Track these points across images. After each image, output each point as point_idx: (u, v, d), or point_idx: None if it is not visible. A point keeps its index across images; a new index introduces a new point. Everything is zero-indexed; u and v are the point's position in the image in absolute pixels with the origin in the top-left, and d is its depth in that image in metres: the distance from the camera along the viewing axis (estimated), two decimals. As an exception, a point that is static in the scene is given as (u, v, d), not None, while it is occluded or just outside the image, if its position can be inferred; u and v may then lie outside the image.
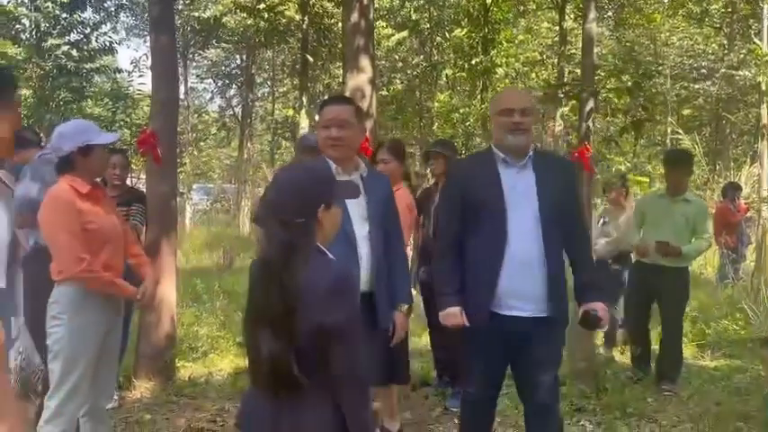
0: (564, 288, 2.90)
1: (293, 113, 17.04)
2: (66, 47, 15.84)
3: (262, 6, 14.18)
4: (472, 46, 14.33)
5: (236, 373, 4.87)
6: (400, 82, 18.58)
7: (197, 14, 18.52)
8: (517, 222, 2.79)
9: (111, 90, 17.94)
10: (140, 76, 25.98)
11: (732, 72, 16.22)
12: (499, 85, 14.09)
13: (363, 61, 6.03)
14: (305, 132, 12.18)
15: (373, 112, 6.10)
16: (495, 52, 13.95)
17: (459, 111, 14.57)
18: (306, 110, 14.65)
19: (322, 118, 2.98)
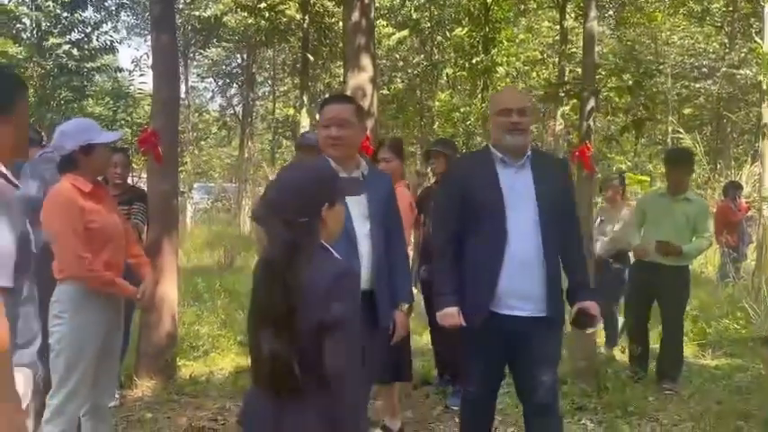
0: (560, 288, 2.91)
1: (294, 112, 17.05)
2: (67, 46, 15.82)
3: (262, 5, 14.15)
4: (473, 45, 14.31)
5: (237, 372, 4.89)
6: (401, 81, 18.58)
7: (198, 13, 18.51)
8: (517, 222, 2.80)
9: (112, 89, 17.89)
10: (141, 75, 26.13)
11: (733, 71, 16.19)
12: (500, 85, 14.07)
13: (364, 60, 6.03)
14: (305, 131, 12.16)
15: (374, 111, 6.11)
16: (495, 51, 13.94)
17: (460, 110, 14.56)
18: (306, 109, 14.64)
19: (322, 117, 2.97)
